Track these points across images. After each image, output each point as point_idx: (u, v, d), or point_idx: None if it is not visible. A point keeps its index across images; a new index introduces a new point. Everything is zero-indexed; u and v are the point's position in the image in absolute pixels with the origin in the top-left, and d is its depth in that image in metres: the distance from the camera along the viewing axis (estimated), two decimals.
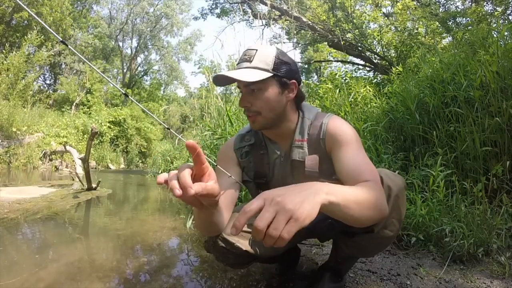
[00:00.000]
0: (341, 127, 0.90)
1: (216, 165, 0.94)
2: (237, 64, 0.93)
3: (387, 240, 0.92)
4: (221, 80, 0.92)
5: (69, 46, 0.42)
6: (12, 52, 9.10)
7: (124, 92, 0.54)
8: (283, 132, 0.96)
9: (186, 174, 0.51)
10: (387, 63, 5.57)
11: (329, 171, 0.90)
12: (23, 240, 1.77)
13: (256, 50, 0.89)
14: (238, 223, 0.50)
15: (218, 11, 9.85)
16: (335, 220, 0.64)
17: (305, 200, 0.52)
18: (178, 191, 0.50)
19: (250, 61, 0.88)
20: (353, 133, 0.89)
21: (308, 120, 0.95)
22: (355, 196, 0.64)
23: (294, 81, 0.92)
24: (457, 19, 5.20)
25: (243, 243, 0.95)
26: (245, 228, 0.97)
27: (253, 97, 0.89)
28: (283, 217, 0.49)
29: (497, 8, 4.80)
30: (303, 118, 0.96)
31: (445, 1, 5.85)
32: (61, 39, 0.39)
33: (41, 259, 1.41)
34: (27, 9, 0.39)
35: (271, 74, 0.87)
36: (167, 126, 0.67)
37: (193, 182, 0.51)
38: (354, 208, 0.62)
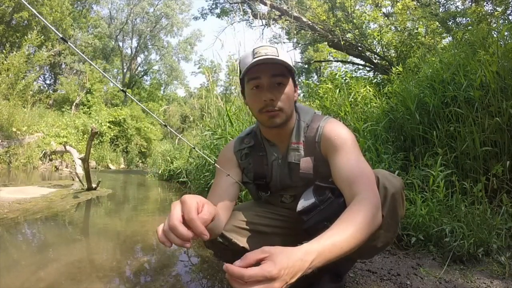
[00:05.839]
0: (336, 131, 0.90)
1: (215, 164, 0.96)
2: (256, 57, 0.86)
3: (384, 243, 0.88)
4: (256, 67, 0.85)
5: (69, 44, 0.42)
6: (12, 52, 9.10)
7: (123, 89, 0.54)
8: (284, 133, 0.97)
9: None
10: (387, 63, 5.56)
11: (326, 174, 0.90)
12: (23, 240, 1.77)
13: (276, 48, 0.88)
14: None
15: (218, 11, 9.85)
16: (331, 223, 0.64)
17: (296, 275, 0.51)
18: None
19: (277, 56, 0.86)
20: (348, 136, 0.89)
21: (303, 122, 0.96)
22: (347, 240, 0.60)
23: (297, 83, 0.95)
24: (457, 19, 5.20)
25: (241, 240, 0.96)
26: (243, 225, 0.99)
27: (276, 91, 0.88)
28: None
29: (497, 8, 4.79)
30: (298, 120, 0.97)
31: (445, 1, 5.84)
32: (61, 36, 0.39)
33: (41, 259, 1.41)
34: (29, 6, 0.39)
35: (293, 70, 0.90)
36: (164, 124, 0.67)
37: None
38: (348, 249, 0.60)
